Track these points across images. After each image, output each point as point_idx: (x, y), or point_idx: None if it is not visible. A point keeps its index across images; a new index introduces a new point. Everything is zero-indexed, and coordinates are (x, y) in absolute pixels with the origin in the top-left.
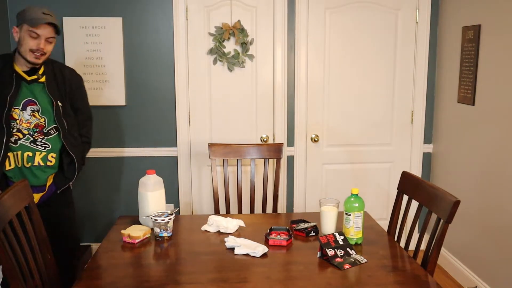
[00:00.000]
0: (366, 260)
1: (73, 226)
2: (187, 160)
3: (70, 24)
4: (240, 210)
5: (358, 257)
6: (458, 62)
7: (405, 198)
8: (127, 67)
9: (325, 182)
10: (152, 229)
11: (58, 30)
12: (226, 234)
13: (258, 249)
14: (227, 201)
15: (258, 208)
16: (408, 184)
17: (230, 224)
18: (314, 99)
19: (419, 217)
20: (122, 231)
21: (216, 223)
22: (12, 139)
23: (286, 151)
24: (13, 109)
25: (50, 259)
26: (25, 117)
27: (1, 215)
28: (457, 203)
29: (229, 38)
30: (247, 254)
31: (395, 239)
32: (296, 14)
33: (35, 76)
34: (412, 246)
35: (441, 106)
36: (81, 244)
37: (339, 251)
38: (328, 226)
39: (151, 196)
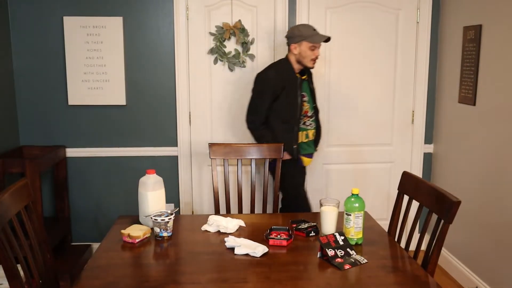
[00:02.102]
0: (366, 261)
1: None
2: (187, 159)
3: (71, 24)
4: (240, 210)
5: (358, 257)
6: (459, 62)
7: (406, 198)
8: (127, 66)
9: (326, 182)
10: (152, 229)
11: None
12: (226, 234)
13: (258, 249)
14: (227, 201)
15: (258, 208)
16: (408, 184)
17: (230, 224)
18: None
19: (420, 218)
20: (122, 231)
21: (216, 223)
22: (303, 122)
23: None
24: (303, 101)
25: (49, 259)
26: (304, 106)
27: (1, 214)
28: (457, 203)
29: (229, 37)
30: (247, 254)
31: (396, 240)
32: (297, 13)
33: (305, 76)
34: (412, 247)
35: (442, 106)
36: (80, 243)
37: (339, 251)
38: (328, 226)
39: (151, 196)
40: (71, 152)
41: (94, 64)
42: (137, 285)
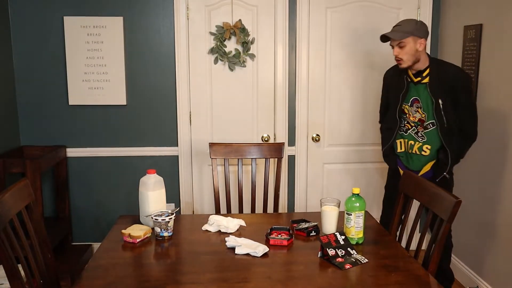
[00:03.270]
0: (367, 260)
1: None
2: (188, 159)
3: (71, 24)
4: (241, 210)
5: (359, 257)
6: (460, 61)
7: (406, 198)
8: (128, 66)
9: (326, 182)
10: (152, 228)
11: (400, 34)
12: (227, 234)
13: (258, 249)
14: (228, 200)
15: (259, 208)
16: (409, 184)
17: (230, 223)
18: (315, 99)
19: (420, 217)
20: (123, 231)
21: (216, 223)
22: (404, 129)
23: (287, 151)
24: (404, 105)
25: (50, 258)
26: (412, 112)
27: (2, 214)
28: (458, 203)
29: (230, 37)
30: (247, 254)
31: (396, 239)
32: (297, 13)
33: (419, 78)
34: (413, 246)
35: None
36: (81, 243)
37: (340, 251)
38: (329, 226)
39: (152, 196)
40: (71, 152)
41: (94, 64)
42: (138, 285)
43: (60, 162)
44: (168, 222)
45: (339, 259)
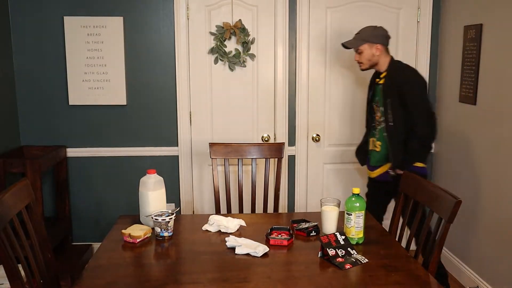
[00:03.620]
0: (367, 260)
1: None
2: (188, 159)
3: (71, 24)
4: (241, 210)
5: (359, 257)
6: (460, 61)
7: (407, 198)
8: (128, 66)
9: (326, 182)
10: (152, 228)
11: (356, 42)
12: (227, 234)
13: (259, 248)
14: (228, 200)
15: (259, 208)
16: (409, 184)
17: (231, 223)
18: (315, 99)
19: (420, 217)
20: (123, 231)
21: (217, 223)
22: (374, 127)
23: (287, 151)
24: (373, 104)
25: (50, 258)
26: (377, 111)
27: (2, 214)
28: (458, 203)
29: (230, 37)
30: (248, 254)
31: (396, 239)
32: (297, 13)
33: (378, 79)
34: (413, 246)
35: (443, 105)
36: (81, 243)
37: (340, 251)
38: (329, 226)
39: (152, 196)
40: (71, 152)
41: (94, 64)
42: (138, 285)
43: (60, 162)
44: (168, 222)
45: (339, 259)
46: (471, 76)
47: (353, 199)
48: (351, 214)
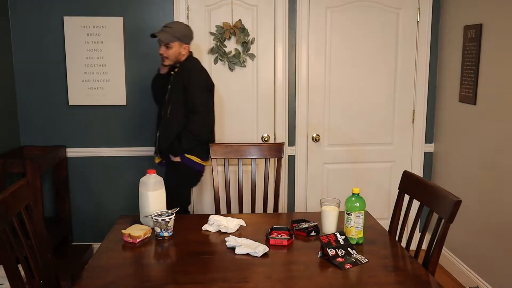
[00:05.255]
0: (367, 260)
1: None
2: None
3: (71, 24)
4: (241, 210)
5: (359, 257)
6: (460, 61)
7: (407, 197)
8: (128, 66)
9: (326, 182)
10: (152, 228)
11: (169, 38)
12: (227, 234)
13: (258, 248)
14: (228, 200)
15: (259, 208)
16: (409, 184)
17: (230, 223)
18: (315, 98)
19: (420, 217)
20: (123, 231)
21: (217, 223)
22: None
23: (287, 151)
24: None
25: (50, 259)
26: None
27: (2, 214)
28: (458, 202)
29: (230, 37)
30: (247, 254)
31: (396, 239)
32: (297, 13)
33: (172, 73)
34: (413, 246)
35: (443, 105)
36: (81, 243)
37: (340, 251)
38: (329, 226)
39: (152, 196)
40: (71, 152)
41: (94, 64)
42: (138, 285)
43: (60, 162)
44: (168, 222)
45: (339, 259)
46: (471, 76)
47: (353, 199)
48: (351, 214)
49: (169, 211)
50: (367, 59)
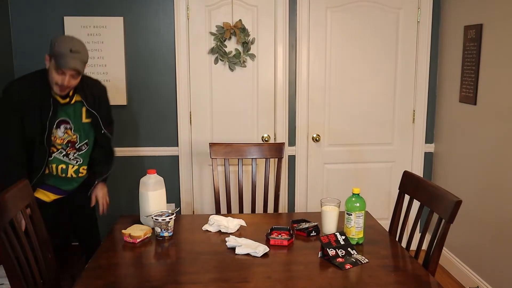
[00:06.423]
0: (367, 260)
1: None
2: (188, 159)
3: (71, 24)
4: (241, 210)
5: (359, 257)
6: (460, 61)
7: (407, 197)
8: (128, 66)
9: (327, 182)
10: (153, 228)
11: (82, 66)
12: (227, 234)
13: (259, 249)
14: (228, 200)
15: (259, 208)
16: (409, 184)
17: (231, 223)
18: (315, 98)
19: (421, 217)
20: (123, 231)
21: (217, 223)
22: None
23: (287, 151)
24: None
25: (50, 259)
26: (60, 135)
27: (2, 214)
28: (458, 203)
29: (230, 37)
30: (248, 254)
31: (397, 239)
32: (298, 13)
33: (68, 99)
34: (413, 246)
35: (443, 105)
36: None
37: (340, 251)
38: (329, 226)
39: (152, 196)
40: None
41: (94, 64)
42: (138, 285)
43: None
44: (168, 222)
45: (340, 259)
46: (471, 76)
47: (353, 199)
48: (351, 214)
49: (170, 211)
50: (367, 59)
